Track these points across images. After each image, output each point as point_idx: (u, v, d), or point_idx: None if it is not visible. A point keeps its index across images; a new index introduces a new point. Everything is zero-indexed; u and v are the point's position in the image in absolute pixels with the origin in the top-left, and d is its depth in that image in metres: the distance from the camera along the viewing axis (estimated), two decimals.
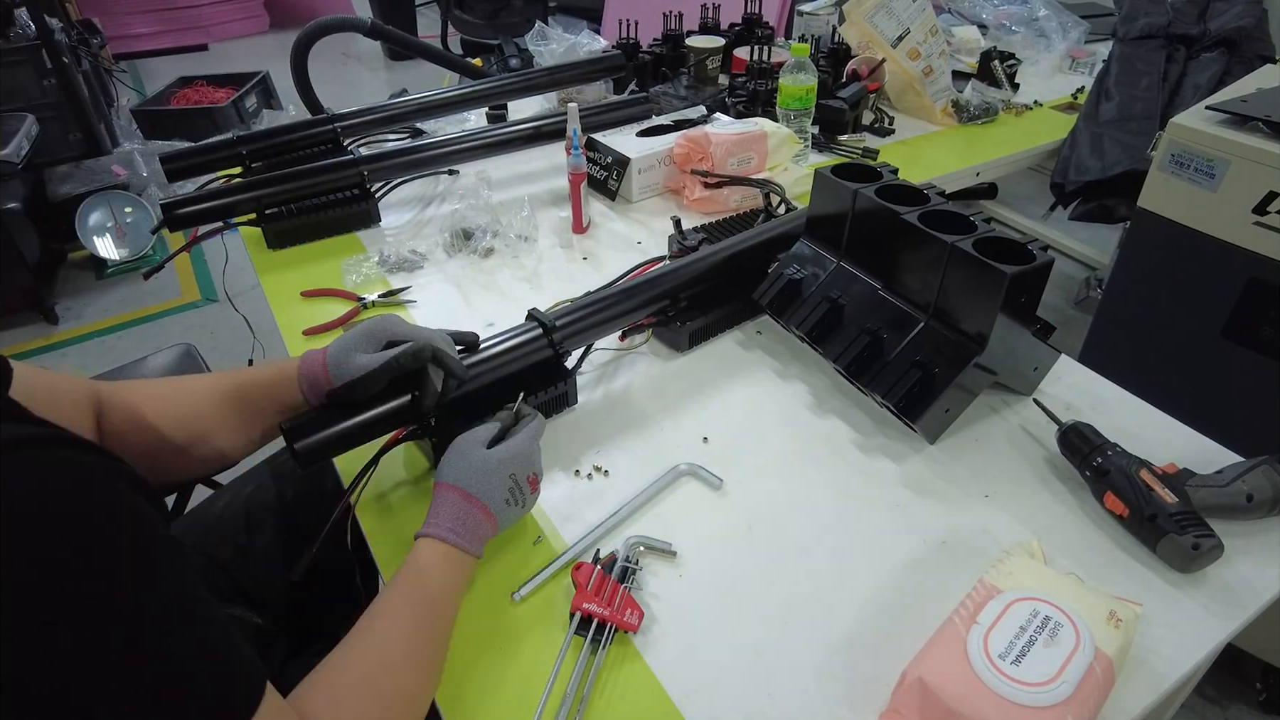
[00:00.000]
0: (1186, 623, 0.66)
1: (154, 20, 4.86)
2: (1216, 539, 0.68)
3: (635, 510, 0.76)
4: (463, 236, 1.18)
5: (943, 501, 0.77)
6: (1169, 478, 0.73)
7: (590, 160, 1.35)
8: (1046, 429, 0.83)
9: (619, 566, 0.69)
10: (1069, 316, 2.29)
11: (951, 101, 1.75)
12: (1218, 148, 1.27)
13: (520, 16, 3.76)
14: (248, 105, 3.47)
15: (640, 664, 0.63)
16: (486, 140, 1.33)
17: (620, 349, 0.98)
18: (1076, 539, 0.73)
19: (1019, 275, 0.73)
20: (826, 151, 1.57)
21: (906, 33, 1.67)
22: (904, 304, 0.86)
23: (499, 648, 0.65)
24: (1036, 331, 0.83)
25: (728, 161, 1.27)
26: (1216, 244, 1.31)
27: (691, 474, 0.80)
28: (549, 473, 0.81)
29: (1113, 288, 1.56)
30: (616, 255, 1.18)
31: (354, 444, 0.70)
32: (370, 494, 0.78)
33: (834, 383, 0.93)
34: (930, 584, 0.69)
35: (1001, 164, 1.65)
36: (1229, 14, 1.91)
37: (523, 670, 0.63)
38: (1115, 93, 1.74)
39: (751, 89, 1.61)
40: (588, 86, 1.63)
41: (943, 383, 0.79)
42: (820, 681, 0.62)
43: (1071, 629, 0.58)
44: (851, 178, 0.91)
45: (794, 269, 0.96)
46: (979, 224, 0.81)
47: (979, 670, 0.56)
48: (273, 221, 1.19)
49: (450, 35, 3.88)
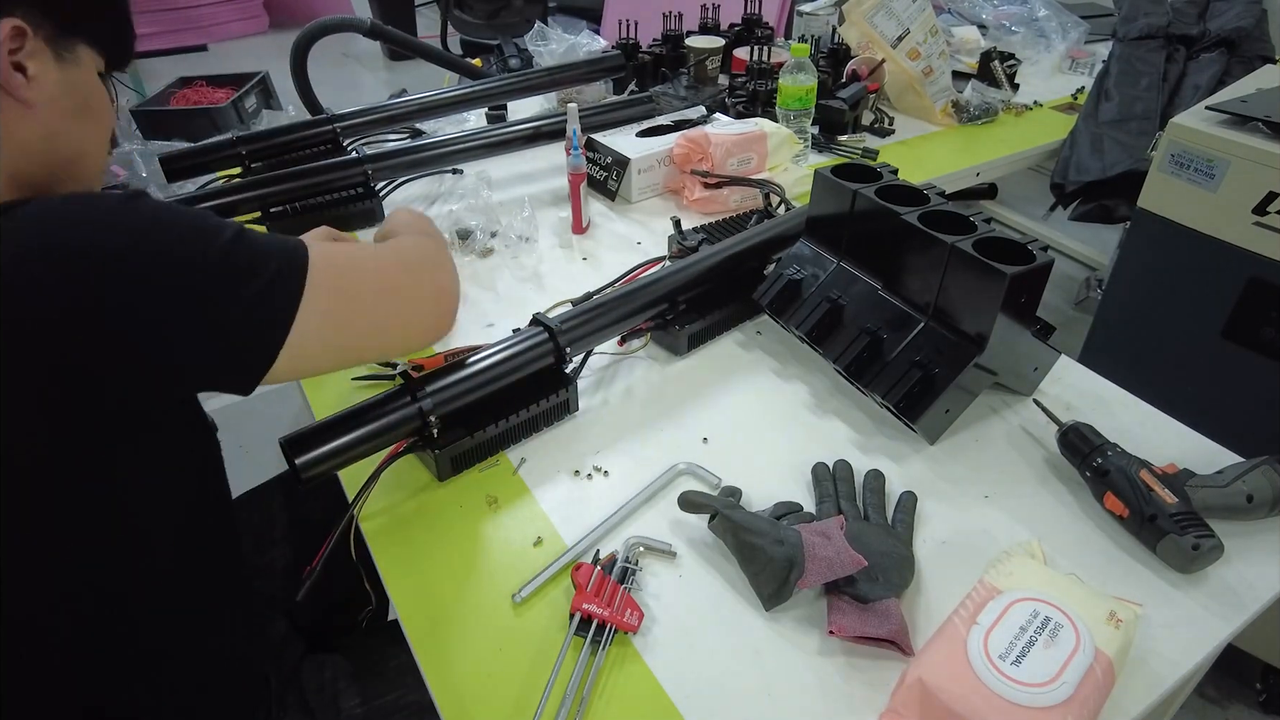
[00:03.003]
0: (1186, 623, 0.66)
1: (153, 20, 4.86)
2: (1216, 539, 0.68)
3: (635, 510, 0.76)
4: (461, 236, 1.18)
5: (943, 501, 0.77)
6: (1169, 478, 0.73)
7: (590, 160, 1.35)
8: (1046, 429, 0.82)
9: (619, 567, 0.69)
10: (1069, 317, 2.29)
11: (951, 102, 1.75)
12: (1218, 148, 1.27)
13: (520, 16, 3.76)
14: (247, 105, 3.46)
15: (640, 665, 0.63)
16: (486, 140, 1.33)
17: (619, 354, 0.98)
18: (1076, 539, 0.73)
19: (1019, 275, 0.73)
20: (826, 152, 1.56)
21: (906, 33, 1.67)
22: (904, 304, 0.86)
23: (498, 648, 0.65)
24: (1036, 332, 0.83)
25: (727, 162, 1.27)
26: (1216, 244, 1.31)
27: (690, 473, 0.80)
28: (551, 475, 0.81)
29: (1113, 288, 1.56)
30: (616, 255, 1.18)
31: (355, 458, 0.71)
32: (373, 506, 0.78)
33: (834, 383, 0.93)
34: (930, 584, 0.69)
35: (1001, 164, 1.65)
36: (1229, 14, 1.91)
37: (522, 671, 0.63)
38: (1115, 93, 1.74)
39: (751, 89, 1.61)
40: (587, 87, 1.63)
41: (943, 383, 0.79)
42: (820, 681, 0.62)
43: (1071, 629, 0.58)
44: (851, 178, 0.91)
45: (794, 269, 0.96)
46: (979, 224, 0.81)
47: (979, 671, 0.56)
48: (277, 220, 1.18)
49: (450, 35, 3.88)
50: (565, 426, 0.87)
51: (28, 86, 0.55)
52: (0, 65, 0.53)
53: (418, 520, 0.77)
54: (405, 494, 0.79)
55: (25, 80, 0.55)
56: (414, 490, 0.80)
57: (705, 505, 0.71)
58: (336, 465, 0.71)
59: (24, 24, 0.54)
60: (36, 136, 0.56)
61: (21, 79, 0.54)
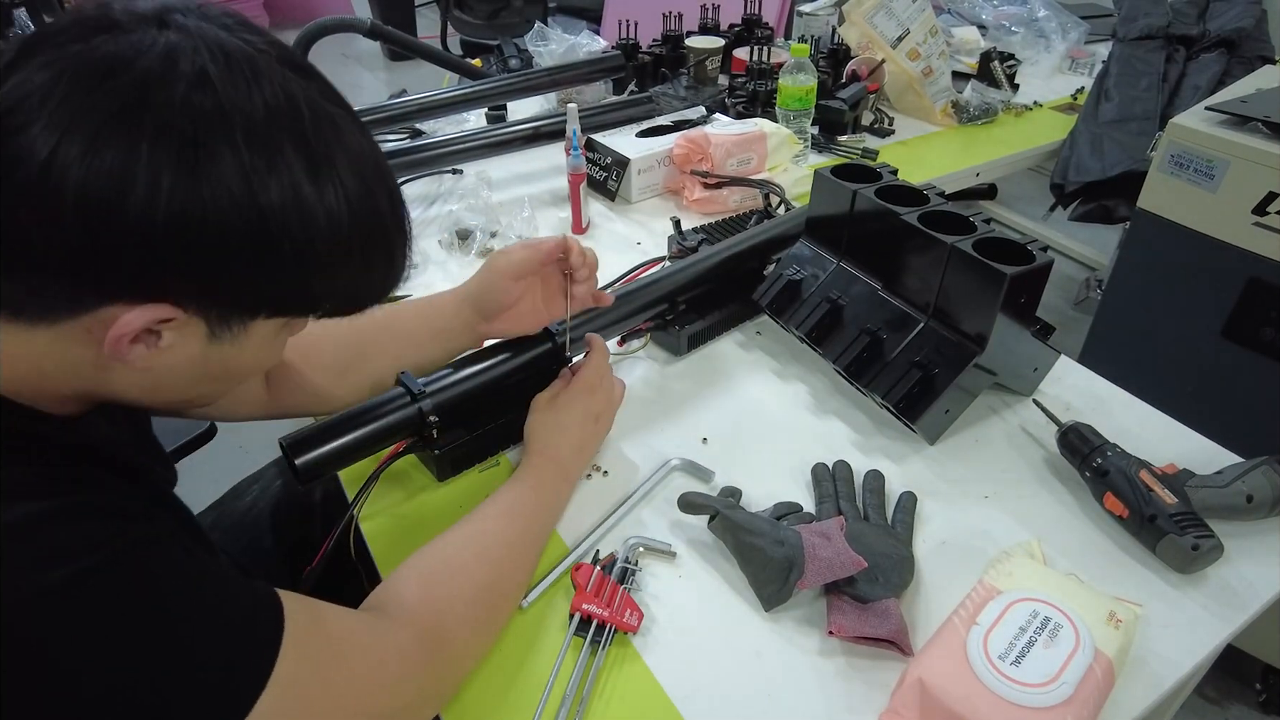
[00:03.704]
0: (1186, 623, 0.66)
1: None
2: (1216, 540, 0.68)
3: (631, 509, 0.76)
4: (461, 237, 1.18)
5: (943, 502, 0.77)
6: (1169, 478, 0.73)
7: (590, 161, 1.35)
8: (1046, 429, 0.82)
9: (618, 567, 0.69)
10: (1069, 317, 2.29)
11: (951, 102, 1.74)
12: (1217, 148, 1.27)
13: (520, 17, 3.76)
14: None
15: (640, 665, 0.63)
16: (486, 140, 1.33)
17: (619, 354, 0.98)
18: (1076, 540, 0.73)
19: (1019, 276, 0.73)
20: (826, 152, 1.56)
21: (906, 33, 1.67)
22: (904, 304, 0.86)
23: (498, 648, 0.64)
24: (1036, 332, 0.83)
25: (727, 162, 1.27)
26: (1216, 244, 1.31)
27: (684, 469, 0.81)
28: None
29: (1113, 288, 1.56)
30: (616, 256, 1.18)
31: (356, 458, 0.71)
32: (373, 506, 0.78)
33: (834, 383, 0.93)
34: (930, 584, 0.69)
35: (1001, 164, 1.65)
36: (1229, 14, 1.91)
37: (522, 671, 0.63)
38: (1115, 93, 1.74)
39: (751, 89, 1.61)
40: (587, 87, 1.63)
41: (943, 383, 0.79)
42: (820, 681, 0.62)
43: (1071, 630, 0.58)
44: (851, 178, 0.91)
45: (794, 270, 0.96)
46: (979, 224, 0.81)
47: (979, 671, 0.56)
48: None
49: (450, 35, 3.88)
50: None
51: (147, 355, 0.45)
52: (116, 345, 0.43)
53: (418, 520, 0.76)
54: (405, 494, 0.79)
55: (146, 350, 0.45)
56: (414, 490, 0.80)
57: (705, 506, 0.71)
58: (337, 466, 0.71)
59: (177, 313, 0.44)
60: (134, 385, 0.48)
61: (142, 349, 0.45)
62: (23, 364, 0.45)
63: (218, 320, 0.46)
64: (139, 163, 0.39)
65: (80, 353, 0.45)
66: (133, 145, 0.39)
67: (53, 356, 0.45)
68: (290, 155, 0.43)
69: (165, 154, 0.40)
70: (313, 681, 0.47)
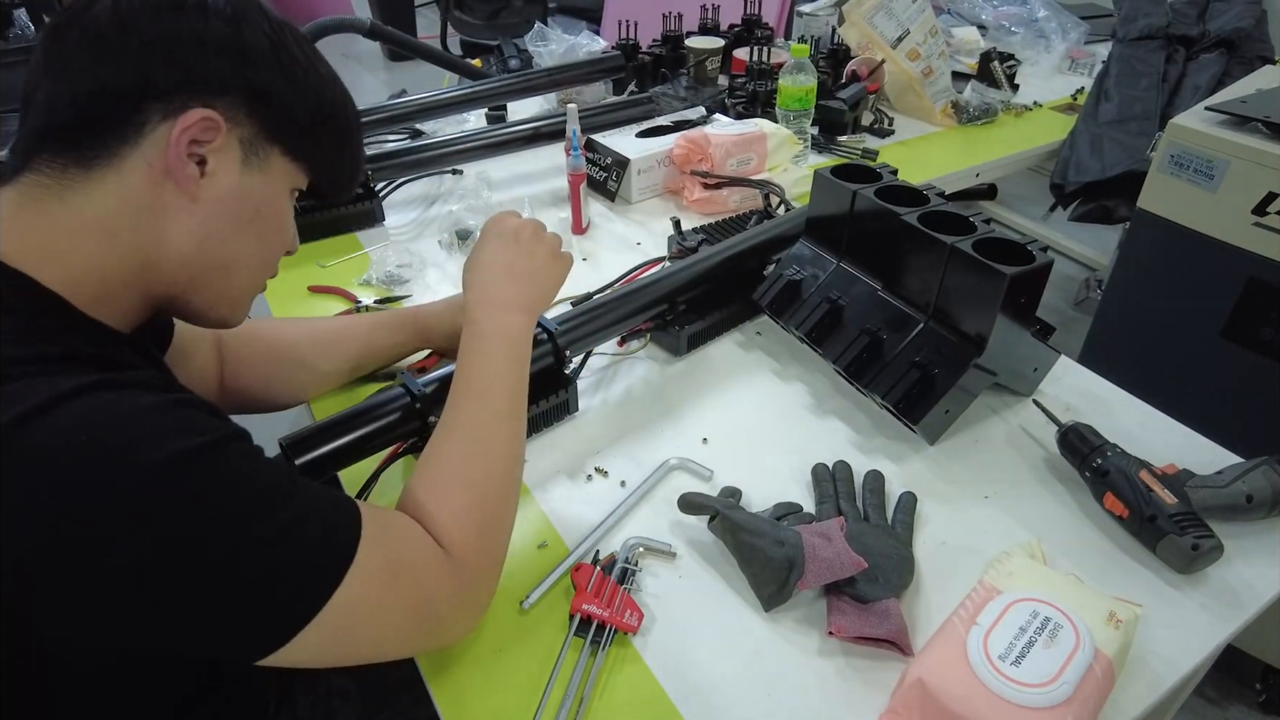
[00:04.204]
0: (1186, 623, 0.66)
1: None
2: (1216, 540, 0.68)
3: (632, 509, 0.76)
4: (461, 237, 1.18)
5: (943, 502, 0.77)
6: (1169, 478, 0.73)
7: (590, 161, 1.35)
8: (1046, 430, 0.82)
9: (618, 568, 0.69)
10: (1069, 317, 2.29)
11: (951, 102, 1.75)
12: (1217, 148, 1.27)
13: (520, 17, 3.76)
14: None
15: (640, 665, 0.63)
16: (486, 141, 1.33)
17: (618, 354, 0.98)
18: (1076, 540, 0.73)
19: (1018, 276, 0.73)
20: (826, 152, 1.56)
21: (906, 33, 1.67)
22: (904, 305, 0.86)
23: (498, 649, 0.65)
24: (1036, 332, 0.83)
25: (727, 162, 1.27)
26: (1216, 244, 1.31)
27: (682, 468, 0.81)
28: (551, 477, 0.81)
29: (1112, 288, 1.56)
30: (616, 256, 1.18)
31: (355, 458, 0.71)
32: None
33: (834, 383, 0.93)
34: (930, 584, 0.69)
35: (1001, 165, 1.65)
36: (1228, 14, 1.91)
37: (522, 671, 0.63)
38: (1115, 93, 1.74)
39: (751, 90, 1.61)
40: (587, 87, 1.63)
41: (943, 384, 0.79)
42: (820, 681, 0.62)
43: (1071, 630, 0.58)
44: (851, 178, 0.91)
45: (793, 270, 0.96)
46: (979, 225, 0.81)
47: (979, 671, 0.56)
48: None
49: (450, 36, 3.88)
50: (565, 427, 0.87)
51: (199, 183, 0.51)
52: (176, 153, 0.49)
53: None
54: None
55: (199, 176, 0.51)
56: None
57: (705, 506, 0.71)
58: (337, 466, 0.71)
59: (219, 118, 0.50)
60: (186, 231, 0.52)
61: (195, 173, 0.50)
62: (84, 252, 0.49)
63: (249, 144, 0.53)
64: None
65: (141, 197, 0.50)
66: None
67: (119, 214, 0.49)
68: (306, 43, 0.57)
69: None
70: (383, 573, 0.51)
